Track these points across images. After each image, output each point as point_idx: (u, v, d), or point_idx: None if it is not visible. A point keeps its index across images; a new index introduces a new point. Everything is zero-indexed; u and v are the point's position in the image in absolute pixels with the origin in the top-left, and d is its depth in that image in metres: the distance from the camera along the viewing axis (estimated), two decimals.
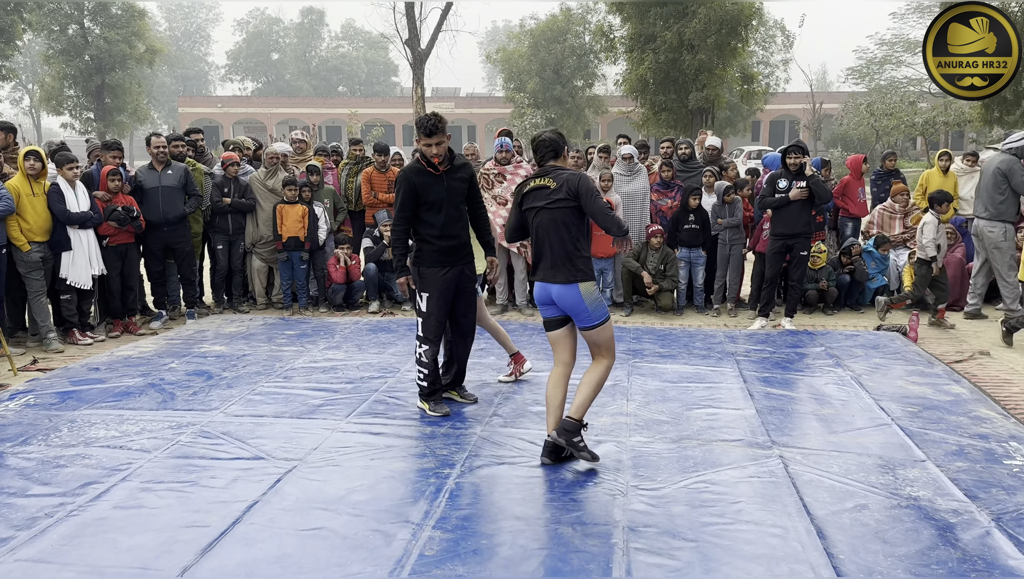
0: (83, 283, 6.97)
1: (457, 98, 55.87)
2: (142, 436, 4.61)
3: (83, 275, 6.94)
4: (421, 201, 4.79)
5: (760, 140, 49.35)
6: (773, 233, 7.48)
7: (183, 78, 71.61)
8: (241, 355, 6.47)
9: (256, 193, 8.20)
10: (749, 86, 26.66)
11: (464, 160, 5.01)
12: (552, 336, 4.29)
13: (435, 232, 4.81)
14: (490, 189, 7.89)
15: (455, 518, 3.57)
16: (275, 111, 54.26)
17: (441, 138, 4.72)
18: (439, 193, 4.79)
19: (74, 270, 6.89)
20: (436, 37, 25.14)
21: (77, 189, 6.90)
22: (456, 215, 4.88)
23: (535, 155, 4.39)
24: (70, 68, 35.25)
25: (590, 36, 36.11)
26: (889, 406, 5.14)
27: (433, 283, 4.84)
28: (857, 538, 3.38)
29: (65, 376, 5.94)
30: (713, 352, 6.57)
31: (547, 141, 4.34)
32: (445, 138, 4.76)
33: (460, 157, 4.99)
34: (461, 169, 4.92)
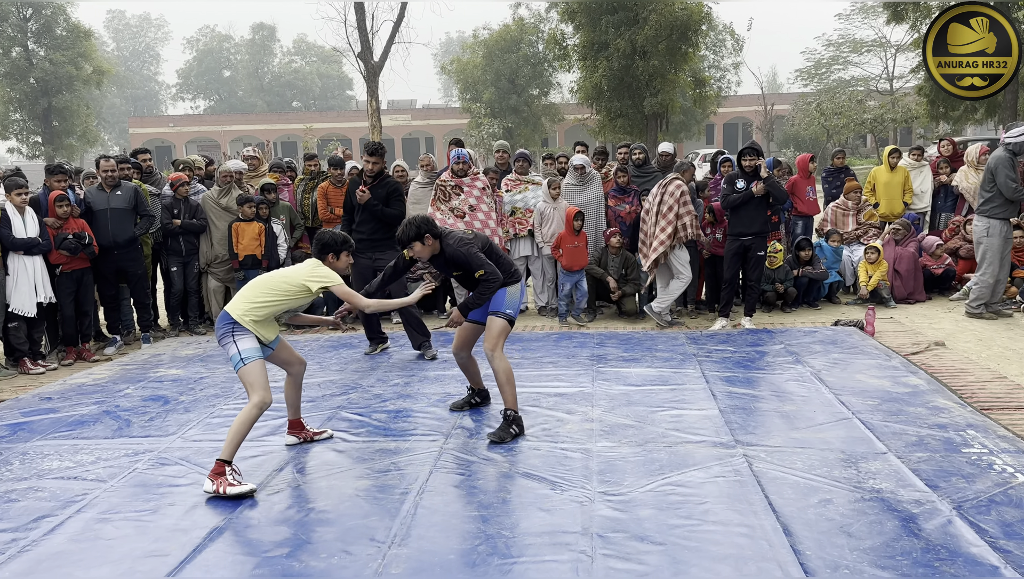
0: (27, 311, 6.77)
1: (413, 110, 55.79)
2: (97, 465, 4.48)
3: (27, 302, 6.75)
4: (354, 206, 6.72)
5: (714, 143, 50.03)
6: (730, 233, 7.56)
7: (133, 98, 70.50)
8: (199, 378, 6.34)
9: (209, 212, 8.07)
10: (701, 90, 27.03)
11: (387, 180, 6.85)
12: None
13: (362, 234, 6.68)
14: (447, 201, 7.86)
15: (420, 535, 3.52)
16: (229, 128, 53.63)
17: (377, 160, 6.66)
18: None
19: (17, 297, 6.70)
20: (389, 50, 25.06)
21: (26, 215, 6.72)
22: (369, 221, 6.75)
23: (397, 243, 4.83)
24: (15, 92, 34.41)
25: (543, 45, 36.32)
26: (849, 400, 5.21)
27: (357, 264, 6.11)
28: (823, 533, 3.40)
29: (16, 407, 5.76)
30: (675, 354, 6.61)
31: (408, 228, 4.69)
32: (381, 162, 6.66)
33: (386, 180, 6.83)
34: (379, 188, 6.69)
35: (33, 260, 6.76)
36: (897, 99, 33.55)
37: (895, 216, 9.27)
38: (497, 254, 4.84)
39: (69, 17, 35.37)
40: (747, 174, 7.44)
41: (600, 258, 8.13)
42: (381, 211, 6.67)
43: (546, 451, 4.46)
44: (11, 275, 6.67)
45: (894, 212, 9.40)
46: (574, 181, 8.40)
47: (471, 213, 7.77)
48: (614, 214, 8.44)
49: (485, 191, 7.88)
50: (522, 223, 8.28)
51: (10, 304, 6.68)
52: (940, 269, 8.71)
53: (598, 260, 8.12)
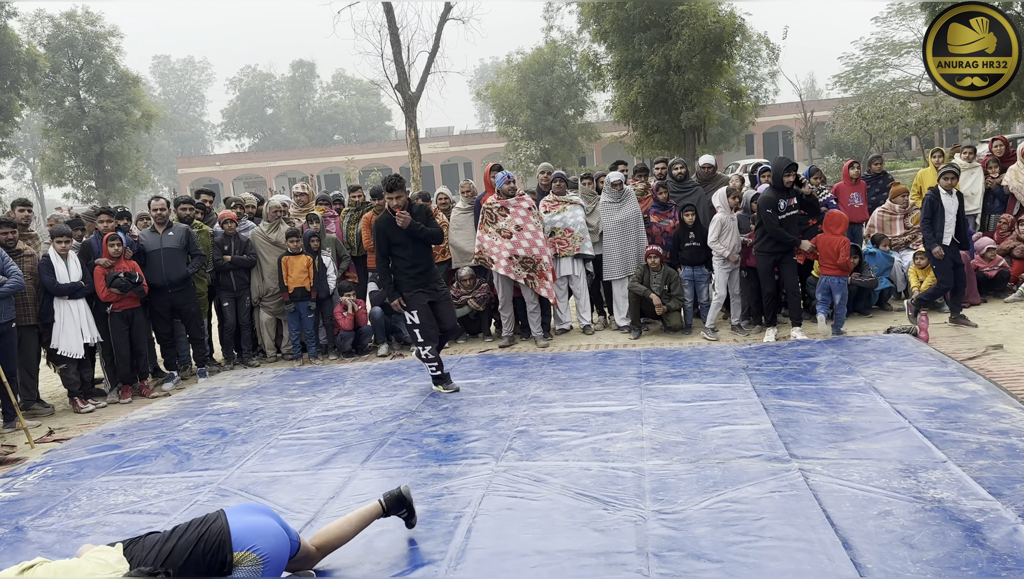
0: (75, 352, 7.01)
1: (451, 137, 56.39)
2: (160, 499, 4.61)
3: (74, 344, 6.99)
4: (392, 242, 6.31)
5: (754, 152, 49.54)
6: (763, 249, 7.47)
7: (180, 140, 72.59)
8: (254, 409, 6.48)
9: (259, 247, 8.27)
10: (738, 101, 26.82)
11: (419, 206, 6.44)
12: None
13: (406, 264, 6.34)
14: (493, 223, 7.94)
15: (475, 557, 3.55)
16: (273, 164, 54.83)
17: (400, 193, 6.17)
18: (401, 236, 6.26)
19: (65, 339, 6.94)
20: (425, 80, 25.40)
21: (69, 260, 6.97)
22: (419, 252, 6.37)
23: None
24: (69, 139, 35.78)
25: (577, 65, 36.49)
26: (905, 409, 5.11)
27: (414, 301, 6.35)
28: (883, 546, 3.34)
29: (81, 445, 5.95)
30: (724, 368, 6.55)
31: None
32: (403, 193, 6.20)
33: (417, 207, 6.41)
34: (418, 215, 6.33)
35: (78, 303, 7.00)
36: (941, 99, 32.84)
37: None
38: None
39: (118, 65, 36.75)
40: (787, 190, 7.38)
41: (642, 276, 8.11)
42: (423, 230, 6.30)
43: (597, 471, 4.46)
44: (58, 320, 6.92)
45: None
46: (610, 198, 8.43)
47: (518, 233, 7.83)
48: (658, 230, 8.44)
49: (531, 211, 7.95)
50: (562, 243, 8.32)
51: (58, 347, 6.92)
52: (994, 271, 8.50)
53: (640, 277, 8.11)
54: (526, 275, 7.90)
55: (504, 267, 7.88)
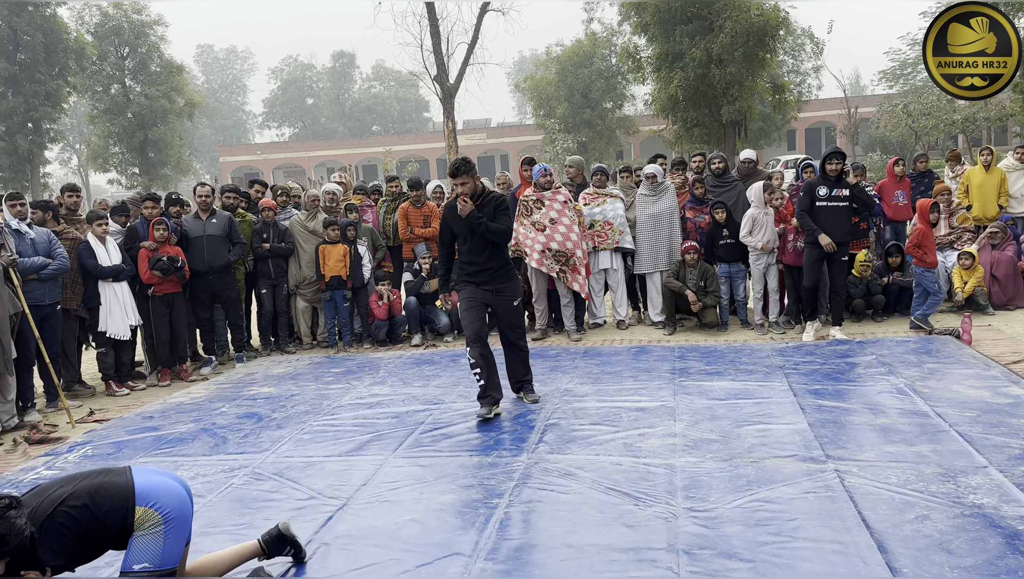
0: (121, 334, 7.15)
1: (488, 129, 56.43)
2: (196, 481, 4.68)
3: (121, 327, 7.13)
4: (453, 233, 5.69)
5: (796, 148, 48.82)
6: (810, 241, 7.35)
7: (222, 128, 73.62)
8: (289, 395, 6.56)
9: (297, 236, 8.36)
10: (781, 96, 26.41)
11: (490, 196, 5.64)
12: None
13: (464, 258, 5.69)
14: (528, 216, 7.92)
15: (506, 548, 3.55)
16: (313, 154, 55.37)
17: (465, 179, 5.46)
18: (463, 226, 5.57)
19: (112, 322, 7.08)
20: (464, 71, 25.46)
21: (108, 244, 7.10)
22: (478, 247, 5.59)
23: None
24: (114, 126, 36.52)
25: (616, 58, 36.25)
26: (946, 412, 5.00)
27: (464, 296, 5.70)
28: (920, 550, 3.28)
29: (120, 426, 6.08)
30: (760, 367, 6.48)
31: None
32: (469, 179, 5.48)
33: (489, 196, 5.65)
34: (487, 205, 5.59)
35: (121, 286, 7.14)
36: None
37: (989, 219, 8.87)
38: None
39: (162, 53, 37.39)
40: (831, 180, 7.26)
41: (678, 271, 8.04)
42: (485, 226, 5.45)
43: (628, 466, 4.44)
44: (104, 303, 7.06)
45: (987, 215, 9.00)
46: (647, 191, 8.36)
47: (552, 226, 7.80)
48: (693, 226, 8.35)
49: (567, 204, 7.91)
50: (601, 236, 8.28)
51: (106, 330, 7.06)
52: None
53: (676, 273, 8.04)
54: (558, 269, 7.87)
55: (536, 260, 7.87)
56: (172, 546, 2.92)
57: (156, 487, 2.96)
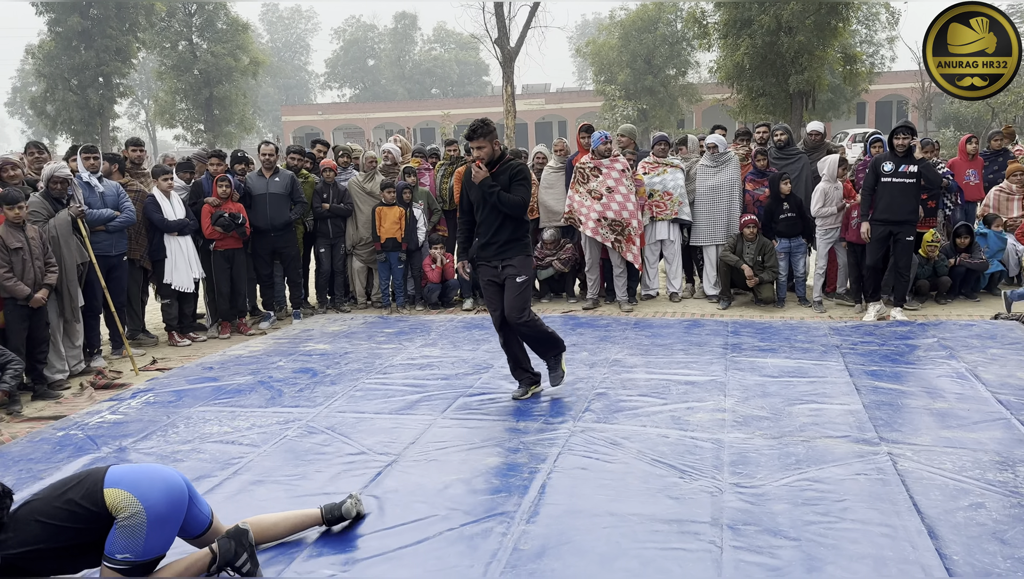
0: (186, 287, 7.36)
1: (547, 94, 55.86)
2: (252, 431, 4.83)
3: (185, 279, 7.33)
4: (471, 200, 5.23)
5: (866, 122, 47.22)
6: (876, 218, 7.14)
7: (285, 88, 74.35)
8: (343, 353, 6.69)
9: (355, 197, 8.45)
10: (852, 67, 25.50)
11: (508, 164, 5.11)
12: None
13: (478, 229, 5.24)
14: (585, 183, 7.85)
15: (549, 513, 3.59)
16: (372, 116, 55.65)
17: (481, 143, 5.01)
18: (477, 194, 5.13)
19: (177, 275, 7.29)
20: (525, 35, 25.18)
21: (172, 199, 7.27)
22: (490, 217, 5.09)
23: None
24: (181, 83, 37.18)
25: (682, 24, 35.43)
26: (1008, 399, 4.85)
27: (480, 277, 5.33)
28: (972, 538, 3.21)
29: (181, 375, 6.29)
30: (816, 345, 6.36)
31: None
32: (487, 143, 5.02)
33: (507, 163, 5.12)
34: (502, 173, 5.07)
35: (185, 239, 7.32)
36: None
37: None
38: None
39: (229, 11, 37.80)
40: (899, 155, 7.02)
41: (735, 245, 7.90)
42: (497, 195, 4.98)
43: (675, 439, 4.43)
44: (169, 256, 7.26)
45: None
46: (709, 162, 8.21)
47: (608, 195, 7.72)
48: (752, 198, 8.18)
49: (625, 173, 7.81)
50: (659, 206, 8.17)
51: (172, 282, 7.28)
52: None
53: (732, 247, 7.90)
54: (613, 238, 7.81)
55: (592, 229, 7.81)
56: (155, 538, 2.90)
57: (133, 474, 2.95)
